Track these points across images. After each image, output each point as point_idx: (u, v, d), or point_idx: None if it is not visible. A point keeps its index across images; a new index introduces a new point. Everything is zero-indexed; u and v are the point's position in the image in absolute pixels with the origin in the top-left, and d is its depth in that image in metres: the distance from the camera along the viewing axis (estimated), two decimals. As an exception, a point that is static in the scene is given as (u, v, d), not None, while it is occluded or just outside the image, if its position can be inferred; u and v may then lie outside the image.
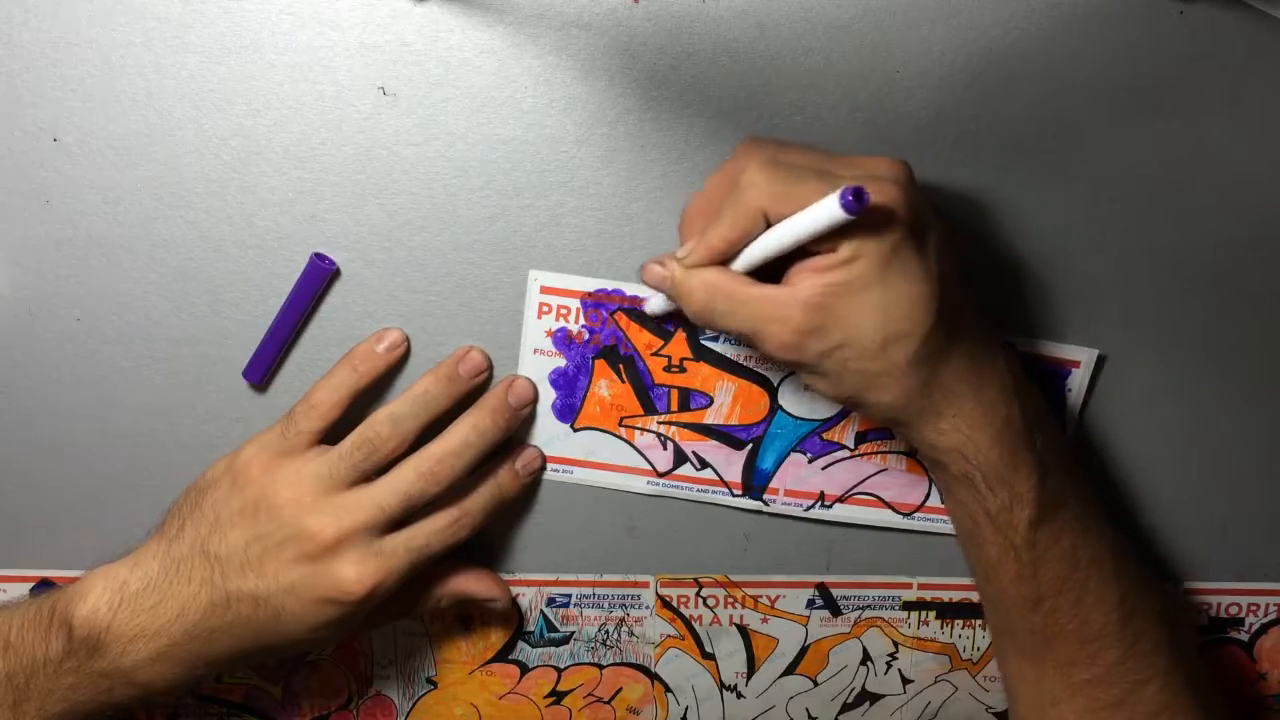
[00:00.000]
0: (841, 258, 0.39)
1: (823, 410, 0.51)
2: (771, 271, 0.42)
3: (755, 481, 0.52)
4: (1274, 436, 0.53)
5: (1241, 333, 0.51)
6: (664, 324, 0.49)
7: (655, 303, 0.48)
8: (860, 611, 0.55)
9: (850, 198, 0.36)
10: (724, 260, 0.42)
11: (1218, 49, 0.46)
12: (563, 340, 0.49)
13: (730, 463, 0.51)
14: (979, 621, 0.56)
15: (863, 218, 0.37)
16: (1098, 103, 0.46)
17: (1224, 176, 0.48)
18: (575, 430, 0.51)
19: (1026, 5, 0.45)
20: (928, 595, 0.55)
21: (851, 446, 0.51)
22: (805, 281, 0.40)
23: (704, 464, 0.51)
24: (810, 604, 0.55)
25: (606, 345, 0.49)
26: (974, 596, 0.55)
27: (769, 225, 0.40)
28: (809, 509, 0.52)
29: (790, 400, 0.50)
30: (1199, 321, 0.50)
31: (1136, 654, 0.46)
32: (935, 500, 0.52)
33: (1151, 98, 0.47)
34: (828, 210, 0.37)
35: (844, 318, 0.40)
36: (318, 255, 0.47)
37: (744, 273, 0.42)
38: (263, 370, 0.49)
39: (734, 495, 0.52)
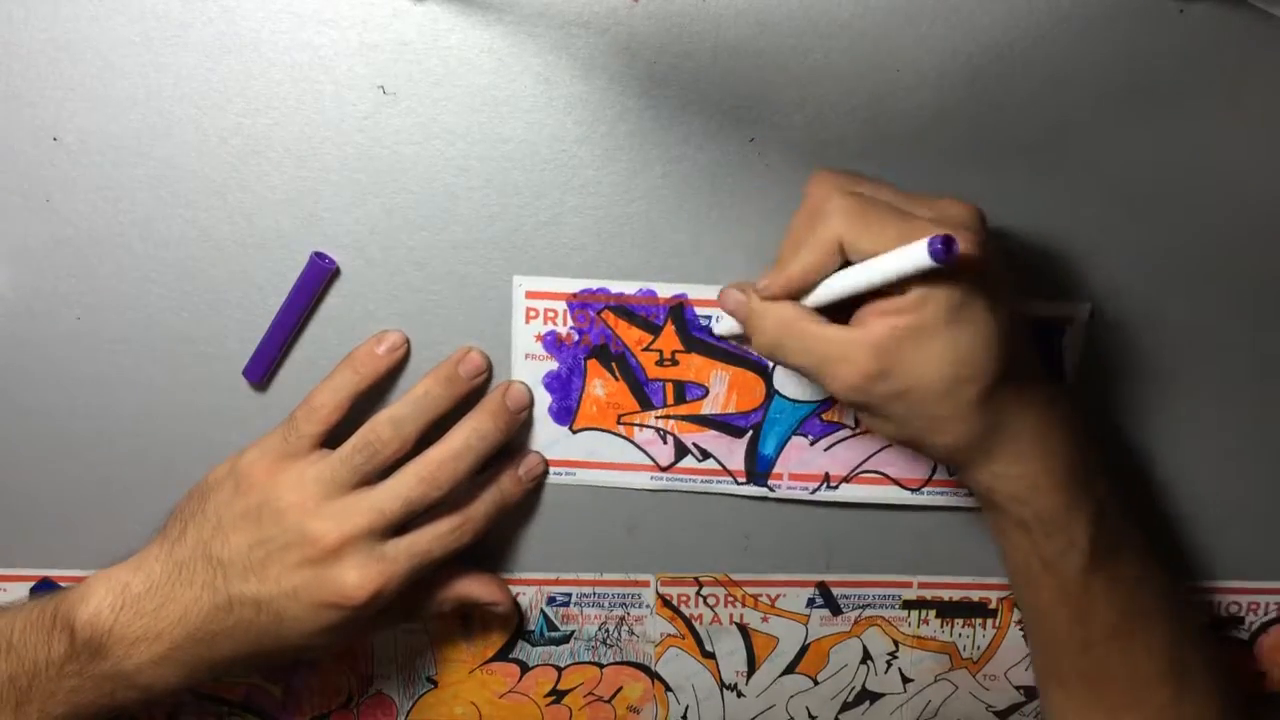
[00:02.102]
0: (910, 301, 0.39)
1: (819, 391, 0.50)
2: (835, 310, 0.42)
3: (759, 468, 0.52)
4: (1274, 436, 0.53)
5: (1241, 332, 0.51)
6: (726, 344, 0.49)
7: (725, 324, 0.48)
8: (860, 610, 0.55)
9: (940, 246, 0.36)
10: (800, 294, 0.42)
11: (1218, 49, 0.46)
12: (552, 343, 0.49)
13: (732, 451, 0.51)
14: (979, 620, 0.56)
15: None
16: (1098, 103, 0.46)
17: (1224, 176, 0.48)
18: (574, 432, 0.51)
19: (1026, 5, 0.45)
20: (928, 594, 0.55)
21: (853, 425, 0.51)
22: (874, 324, 0.40)
23: (706, 455, 0.51)
24: (810, 603, 0.55)
25: (596, 344, 0.49)
26: (974, 596, 0.55)
27: (844, 259, 0.40)
28: (815, 491, 0.52)
29: (786, 384, 0.50)
30: (1199, 321, 0.50)
31: (1187, 699, 0.46)
32: (943, 474, 0.52)
33: (1151, 98, 0.46)
34: (914, 257, 0.37)
35: (911, 361, 0.40)
36: (318, 254, 0.47)
37: (816, 309, 0.42)
38: (263, 370, 0.49)
39: (739, 484, 0.52)
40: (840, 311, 0.42)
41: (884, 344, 0.40)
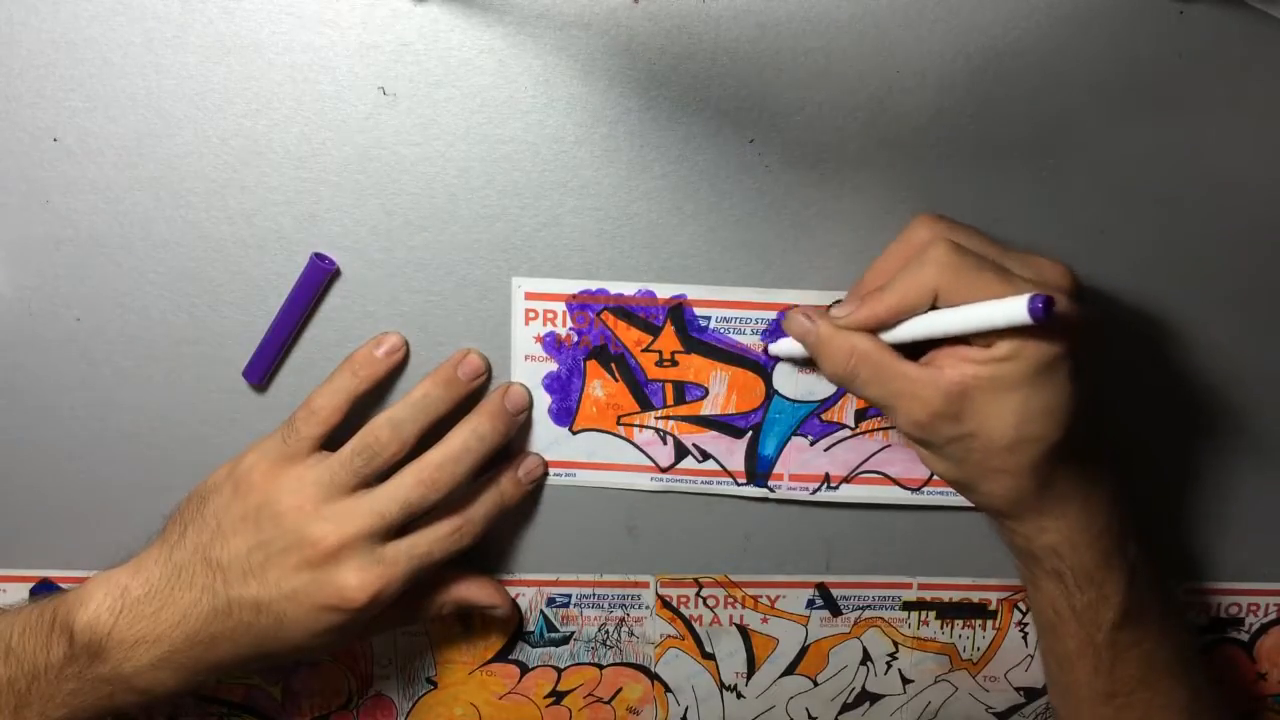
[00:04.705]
0: (996, 354, 0.40)
1: (819, 391, 0.50)
2: (907, 345, 0.42)
3: (759, 469, 0.52)
4: (1274, 436, 0.53)
5: (1241, 332, 0.51)
6: (769, 362, 0.50)
7: (781, 346, 0.48)
8: (860, 611, 0.55)
9: (1040, 305, 0.36)
10: (880, 329, 0.42)
11: (1218, 49, 0.46)
12: (552, 344, 0.49)
13: (732, 452, 0.51)
14: (979, 622, 0.56)
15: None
16: (1098, 103, 0.46)
17: (1224, 176, 0.48)
18: (574, 433, 0.51)
19: (1026, 5, 0.45)
20: (928, 595, 0.55)
21: (852, 425, 0.51)
22: (951, 367, 0.41)
23: (706, 455, 0.51)
24: (810, 604, 0.55)
25: (596, 345, 0.49)
26: (974, 597, 0.55)
27: (934, 306, 0.41)
28: (815, 491, 0.52)
29: (785, 383, 0.50)
30: (1198, 321, 0.50)
31: None
32: None
33: (1151, 98, 0.46)
34: (1011, 311, 0.37)
35: (981, 410, 0.40)
36: (318, 255, 0.47)
37: (890, 344, 0.42)
38: (263, 370, 0.49)
39: (739, 484, 0.52)
40: (908, 346, 0.42)
41: (957, 389, 0.40)
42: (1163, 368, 0.51)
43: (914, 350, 0.42)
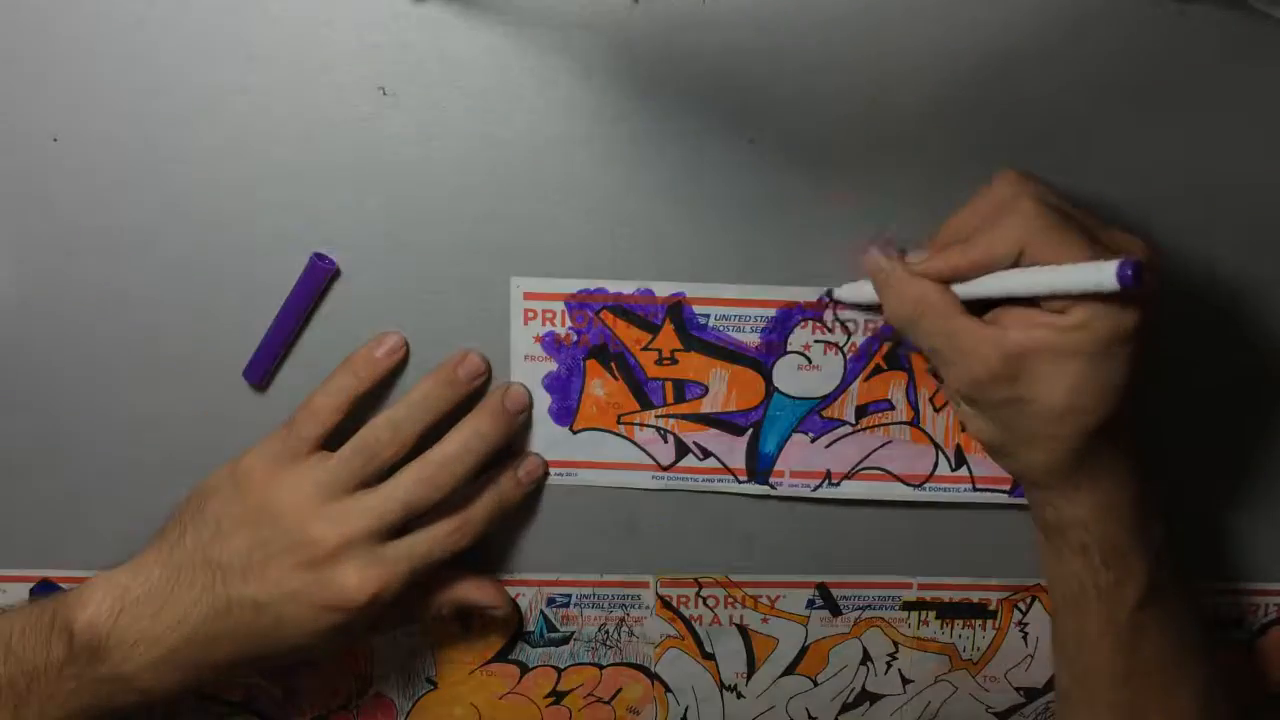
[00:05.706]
0: (1067, 322, 0.39)
1: (819, 388, 0.50)
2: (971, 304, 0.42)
3: (760, 466, 0.52)
4: (1274, 436, 0.53)
5: (1241, 332, 0.51)
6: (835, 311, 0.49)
7: (849, 290, 0.47)
8: (860, 611, 0.55)
9: (1130, 273, 0.35)
10: (955, 280, 0.42)
11: (1218, 49, 0.46)
12: (551, 344, 0.49)
13: (733, 449, 0.51)
14: (979, 622, 0.56)
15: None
16: (1097, 103, 0.46)
17: (1224, 176, 0.48)
18: (575, 432, 0.51)
19: (1026, 5, 0.45)
20: (928, 595, 0.55)
21: (853, 422, 0.51)
22: (1017, 329, 0.40)
23: (706, 453, 0.51)
24: (810, 604, 0.55)
25: (595, 345, 0.49)
26: (974, 597, 0.55)
27: (1015, 262, 0.40)
28: (816, 489, 0.52)
29: (785, 380, 0.50)
30: (1198, 321, 0.50)
31: None
32: (944, 469, 0.52)
33: (1151, 98, 0.47)
34: (1098, 276, 0.36)
35: (1038, 377, 0.40)
36: (318, 255, 0.47)
37: (961, 298, 0.42)
38: (263, 370, 0.49)
39: (740, 482, 0.52)
40: (972, 305, 0.42)
41: (1019, 351, 0.40)
42: (1161, 366, 0.51)
43: (977, 309, 0.42)
